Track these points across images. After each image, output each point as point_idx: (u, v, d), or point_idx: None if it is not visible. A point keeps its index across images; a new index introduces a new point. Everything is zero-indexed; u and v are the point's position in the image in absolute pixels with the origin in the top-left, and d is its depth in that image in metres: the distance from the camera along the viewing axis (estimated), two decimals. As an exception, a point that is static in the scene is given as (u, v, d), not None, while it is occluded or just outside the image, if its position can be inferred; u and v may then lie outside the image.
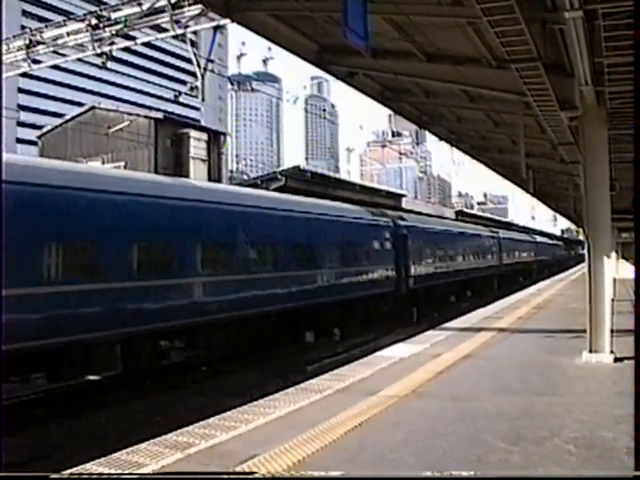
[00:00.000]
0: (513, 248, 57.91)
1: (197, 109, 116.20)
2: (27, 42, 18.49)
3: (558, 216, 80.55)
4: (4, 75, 20.19)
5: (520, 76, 10.49)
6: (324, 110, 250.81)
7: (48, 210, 12.56)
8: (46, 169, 13.81)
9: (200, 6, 15.20)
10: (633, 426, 4.83)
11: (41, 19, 72.95)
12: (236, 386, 14.77)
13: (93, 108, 38.25)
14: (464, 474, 5.50)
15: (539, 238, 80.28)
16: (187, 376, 15.67)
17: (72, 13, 22.89)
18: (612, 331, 11.16)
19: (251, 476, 5.65)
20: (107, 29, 17.03)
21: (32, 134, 51.43)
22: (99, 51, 17.42)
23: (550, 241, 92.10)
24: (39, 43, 18.51)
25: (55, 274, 12.58)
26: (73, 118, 38.61)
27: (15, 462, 8.80)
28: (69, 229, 12.97)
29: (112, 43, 17.45)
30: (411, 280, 29.51)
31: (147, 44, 23.86)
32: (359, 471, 5.87)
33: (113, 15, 16.96)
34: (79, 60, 20.18)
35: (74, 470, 6.08)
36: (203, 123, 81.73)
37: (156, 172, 30.48)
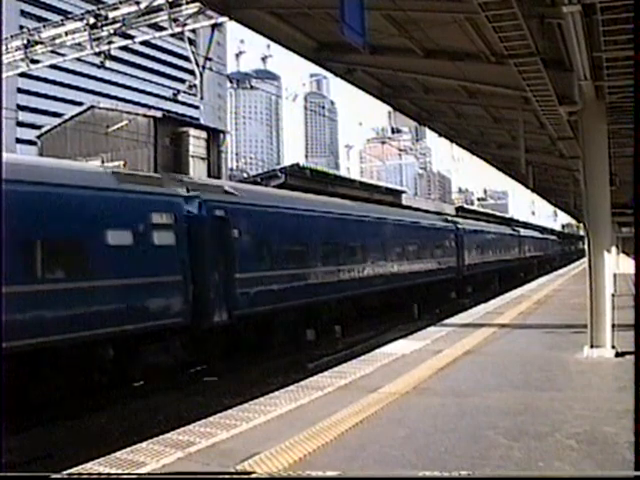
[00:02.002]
0: (483, 244, 45.35)
1: (196, 107, 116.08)
2: (25, 42, 18.50)
3: (558, 211, 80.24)
4: (4, 75, 20.18)
5: (519, 71, 10.46)
6: (323, 107, 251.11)
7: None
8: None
9: (198, 4, 15.20)
10: (633, 424, 4.81)
11: (39, 19, 72.84)
12: (237, 384, 14.77)
13: (92, 107, 38.22)
14: (463, 474, 5.48)
15: (524, 231, 67.03)
16: (188, 375, 15.66)
17: (70, 13, 22.86)
18: (613, 326, 11.14)
19: (249, 476, 5.64)
20: (105, 28, 17.03)
21: (31, 134, 51.40)
22: (97, 50, 17.44)
23: (541, 235, 79.89)
24: (37, 43, 18.53)
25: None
26: (72, 118, 38.58)
27: (16, 462, 8.81)
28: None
29: (110, 42, 17.46)
30: (220, 314, 16.37)
31: (145, 43, 23.93)
32: (360, 468, 5.86)
33: (111, 14, 16.96)
34: (78, 59, 20.20)
35: (75, 470, 6.08)
36: (202, 121, 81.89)
37: (155, 171, 30.47)
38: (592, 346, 11.09)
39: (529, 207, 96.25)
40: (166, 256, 14.97)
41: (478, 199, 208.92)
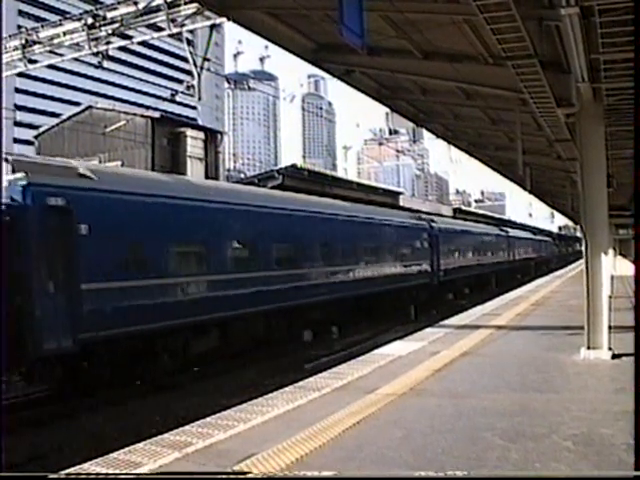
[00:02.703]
0: (464, 245, 41.01)
1: (194, 108, 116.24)
2: (23, 42, 18.48)
3: (555, 213, 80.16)
4: (4, 74, 20.17)
5: (517, 73, 10.48)
6: (321, 108, 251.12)
7: None
8: None
9: (196, 5, 15.20)
10: (633, 425, 4.82)
11: (37, 19, 72.90)
12: (234, 385, 14.77)
13: (90, 107, 38.28)
14: (460, 474, 5.49)
15: (515, 232, 61.71)
16: (185, 375, 15.64)
17: (68, 12, 22.88)
18: (610, 328, 11.15)
19: (244, 476, 5.63)
20: (103, 28, 17.03)
21: (29, 134, 51.39)
22: (95, 50, 17.43)
23: (534, 236, 74.73)
24: (35, 43, 18.51)
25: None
26: (70, 118, 38.65)
27: (14, 462, 8.79)
28: None
29: (108, 42, 17.45)
30: (57, 339, 12.38)
31: (143, 43, 23.92)
32: (357, 469, 5.85)
33: (109, 14, 16.96)
34: (75, 59, 20.18)
35: (72, 470, 6.07)
36: (200, 122, 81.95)
37: (153, 171, 30.47)
38: (589, 348, 11.09)
39: (526, 209, 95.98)
40: None
41: (475, 201, 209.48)
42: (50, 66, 28.20)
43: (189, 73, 17.82)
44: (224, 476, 5.72)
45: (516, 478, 5.65)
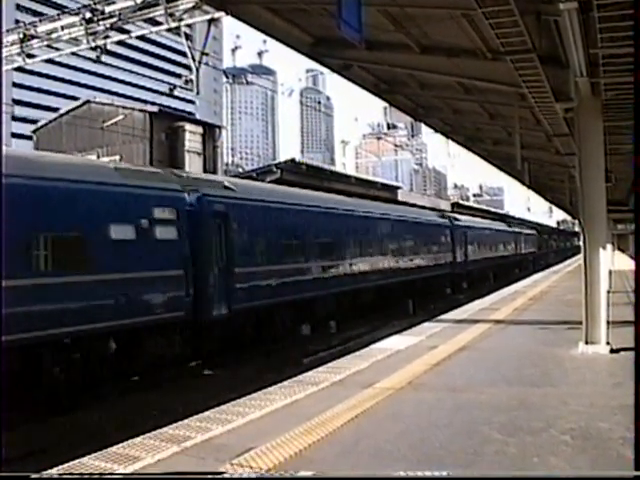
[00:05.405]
0: (337, 239, 24.02)
1: (192, 102, 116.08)
2: (21, 36, 18.40)
3: (554, 208, 79.91)
4: (4, 69, 20.14)
5: (515, 68, 10.49)
6: (319, 103, 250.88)
7: None
8: None
9: (194, -2, 15.18)
10: (632, 420, 4.82)
11: (35, 13, 72.77)
12: (232, 379, 14.77)
13: (88, 102, 38.23)
14: (457, 474, 5.49)
15: (480, 222, 48.10)
16: (183, 370, 15.65)
17: (66, 7, 22.82)
18: (608, 322, 11.16)
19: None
20: (101, 22, 16.97)
21: (27, 128, 51.30)
22: (93, 45, 17.36)
23: (508, 228, 58.97)
24: (33, 37, 18.43)
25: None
26: (68, 112, 38.60)
27: (12, 457, 8.80)
28: None
29: (106, 37, 17.38)
30: None
31: (142, 37, 23.77)
32: (355, 463, 5.85)
33: (107, 8, 16.90)
34: (73, 54, 20.07)
35: (71, 464, 6.07)
36: (198, 116, 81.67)
37: (151, 165, 30.45)
38: (587, 342, 11.10)
39: (525, 203, 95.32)
40: None
41: (474, 195, 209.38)
42: (48, 60, 28.11)
43: (187, 67, 17.80)
44: (211, 476, 5.68)
45: (515, 478, 5.65)
